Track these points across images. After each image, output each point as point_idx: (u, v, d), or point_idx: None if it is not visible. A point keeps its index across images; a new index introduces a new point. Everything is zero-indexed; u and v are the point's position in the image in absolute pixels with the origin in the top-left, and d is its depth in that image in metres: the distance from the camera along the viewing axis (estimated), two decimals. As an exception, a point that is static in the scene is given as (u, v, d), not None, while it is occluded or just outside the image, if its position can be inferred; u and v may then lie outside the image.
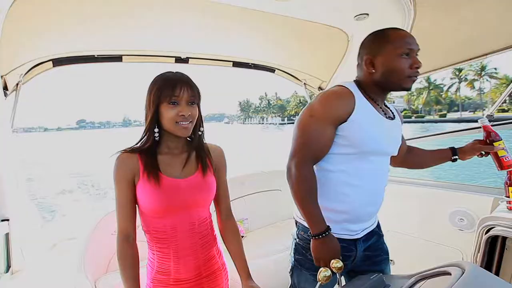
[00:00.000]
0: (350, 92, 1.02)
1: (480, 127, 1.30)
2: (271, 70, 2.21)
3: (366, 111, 1.04)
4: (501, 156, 1.20)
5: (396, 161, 1.28)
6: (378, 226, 1.18)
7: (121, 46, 1.58)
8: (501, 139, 1.19)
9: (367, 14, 1.40)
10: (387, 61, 1.03)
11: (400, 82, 1.04)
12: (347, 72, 1.96)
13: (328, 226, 0.98)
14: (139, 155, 0.95)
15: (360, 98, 1.04)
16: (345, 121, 0.99)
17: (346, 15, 1.42)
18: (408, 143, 1.41)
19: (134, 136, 1.00)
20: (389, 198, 2.18)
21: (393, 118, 1.13)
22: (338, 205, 1.03)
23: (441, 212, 1.87)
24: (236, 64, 2.00)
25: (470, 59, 1.71)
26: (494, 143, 1.19)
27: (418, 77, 1.08)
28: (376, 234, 1.14)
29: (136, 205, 0.98)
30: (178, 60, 1.80)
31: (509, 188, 1.44)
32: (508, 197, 1.44)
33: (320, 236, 0.95)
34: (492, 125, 1.28)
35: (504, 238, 1.39)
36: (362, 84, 1.09)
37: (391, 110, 1.17)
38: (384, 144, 1.07)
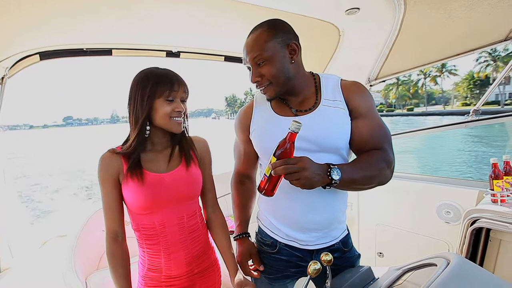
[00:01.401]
0: (251, 102, 1.09)
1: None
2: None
3: (262, 116, 1.03)
4: (264, 175, 0.83)
5: None
6: (344, 242, 1.05)
7: (111, 40, 1.54)
8: (275, 155, 0.80)
9: (358, 9, 1.40)
10: None
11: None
12: (338, 67, 1.97)
13: (246, 232, 1.11)
14: (123, 156, 0.94)
15: (260, 104, 1.06)
16: (250, 133, 1.06)
17: (338, 9, 1.42)
18: (395, 137, 1.35)
19: (123, 132, 0.98)
20: (378, 192, 2.23)
21: (312, 109, 0.97)
22: (277, 212, 1.04)
23: (428, 206, 1.92)
24: (228, 58, 1.99)
25: (459, 54, 1.74)
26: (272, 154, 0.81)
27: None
28: (340, 250, 1.03)
29: (124, 203, 0.97)
30: (169, 54, 1.77)
31: (494, 181, 1.49)
32: (492, 190, 1.49)
33: (237, 238, 1.10)
34: (476, 120, 1.26)
35: (488, 230, 1.44)
36: None
37: (318, 99, 0.98)
38: None
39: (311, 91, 1.01)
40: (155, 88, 0.91)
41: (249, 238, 1.12)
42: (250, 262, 1.09)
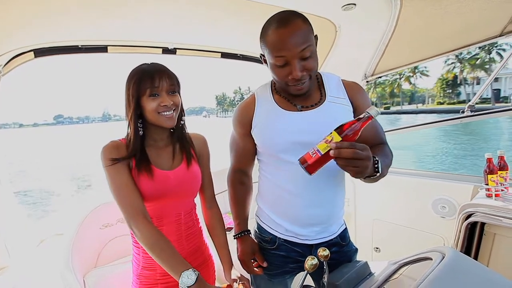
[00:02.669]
0: (253, 97, 1.05)
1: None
2: (260, 61, 2.19)
3: (266, 111, 1.00)
4: (315, 150, 0.74)
5: None
6: (342, 236, 1.06)
7: (106, 36, 1.53)
8: (340, 133, 0.72)
9: (354, 4, 1.40)
10: (272, 70, 0.93)
11: (285, 89, 0.95)
12: (335, 63, 1.97)
13: (247, 230, 1.10)
14: (126, 148, 0.94)
15: (262, 99, 1.02)
16: (251, 128, 1.02)
17: (334, 5, 1.41)
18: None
19: (114, 130, 0.98)
20: (374, 188, 2.25)
21: (317, 104, 0.96)
22: (277, 208, 1.03)
23: (424, 201, 1.94)
24: (225, 55, 1.98)
25: (454, 49, 1.75)
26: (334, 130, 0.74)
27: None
28: (337, 244, 1.04)
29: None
30: (166, 51, 1.75)
31: (488, 176, 1.50)
32: (487, 184, 1.50)
33: (238, 236, 1.09)
34: (471, 115, 1.26)
35: (483, 224, 1.45)
36: None
37: (323, 95, 0.99)
38: (290, 140, 0.94)
39: (315, 87, 1.01)
40: (137, 87, 0.90)
41: (250, 235, 1.11)
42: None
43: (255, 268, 1.07)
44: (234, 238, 1.10)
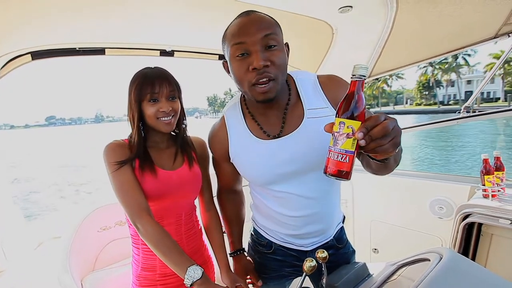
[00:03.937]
0: (223, 123, 0.92)
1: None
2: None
3: (241, 140, 0.89)
4: (342, 153, 0.56)
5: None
6: (339, 238, 1.04)
7: (104, 39, 1.53)
8: (353, 117, 0.56)
9: (351, 7, 1.41)
10: (230, 66, 0.80)
11: (249, 94, 0.78)
12: (332, 65, 1.98)
13: (241, 249, 1.09)
14: (129, 148, 0.94)
15: (234, 124, 0.90)
16: (230, 158, 0.93)
17: (330, 7, 1.42)
18: None
19: (107, 132, 0.98)
20: (372, 189, 2.26)
21: (294, 128, 0.83)
22: (271, 223, 1.01)
23: (421, 202, 1.94)
24: (222, 57, 1.98)
25: (450, 51, 1.77)
26: (340, 117, 0.57)
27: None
28: (333, 247, 1.02)
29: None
30: (163, 53, 1.76)
31: (485, 176, 1.51)
32: (484, 185, 1.51)
33: (233, 255, 1.08)
34: (467, 116, 1.25)
35: (480, 225, 1.46)
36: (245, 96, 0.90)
37: (298, 112, 0.84)
38: (275, 173, 0.85)
39: (286, 102, 0.86)
40: (138, 92, 0.91)
41: (245, 254, 1.10)
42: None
43: (249, 286, 1.06)
44: (230, 256, 1.09)
